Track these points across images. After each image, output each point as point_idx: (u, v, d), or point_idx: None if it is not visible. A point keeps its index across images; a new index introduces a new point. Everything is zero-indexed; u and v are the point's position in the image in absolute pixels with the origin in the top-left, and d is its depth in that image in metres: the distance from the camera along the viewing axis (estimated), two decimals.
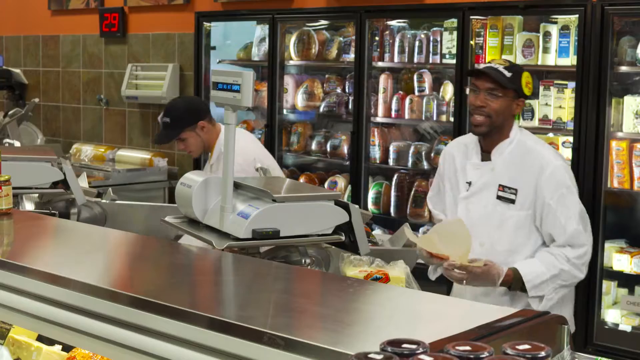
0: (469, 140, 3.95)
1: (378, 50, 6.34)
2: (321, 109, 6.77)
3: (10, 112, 8.45)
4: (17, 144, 7.05)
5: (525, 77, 3.80)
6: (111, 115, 8.52)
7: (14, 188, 3.60)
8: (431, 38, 6.10)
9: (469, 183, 3.89)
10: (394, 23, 6.36)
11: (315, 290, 2.57)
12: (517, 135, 3.82)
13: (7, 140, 7.07)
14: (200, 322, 2.16)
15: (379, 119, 6.38)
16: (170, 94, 7.70)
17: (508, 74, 3.73)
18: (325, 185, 6.65)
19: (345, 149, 6.59)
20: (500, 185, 3.80)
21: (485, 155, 3.87)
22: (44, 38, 9.29)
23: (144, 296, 2.33)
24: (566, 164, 3.89)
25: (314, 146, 6.84)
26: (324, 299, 2.54)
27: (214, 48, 7.46)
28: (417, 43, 6.17)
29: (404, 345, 1.53)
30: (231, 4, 7.35)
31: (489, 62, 4.02)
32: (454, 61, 5.80)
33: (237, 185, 3.11)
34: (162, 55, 8.02)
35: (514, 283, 3.71)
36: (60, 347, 2.95)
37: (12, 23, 9.71)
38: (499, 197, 3.80)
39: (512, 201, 3.78)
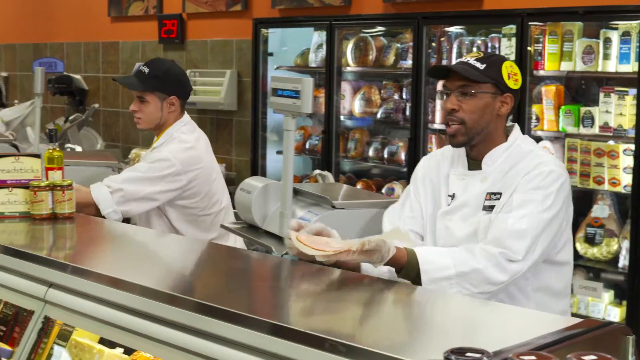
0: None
1: (435, 56, 6.32)
2: (378, 116, 6.76)
3: (70, 118, 8.59)
4: (78, 148, 7.16)
5: (507, 68, 3.10)
6: None
7: None
8: (489, 44, 6.06)
9: (452, 196, 3.19)
10: (451, 29, 6.33)
11: (375, 298, 2.56)
12: (516, 140, 3.16)
13: (68, 145, 7.18)
14: (261, 327, 2.17)
15: (437, 126, 6.35)
16: (228, 100, 7.75)
17: (481, 66, 3.07)
18: (383, 191, 6.64)
19: (402, 155, 6.57)
20: (487, 193, 3.10)
21: (474, 163, 3.18)
22: (104, 44, 9.40)
23: (205, 300, 2.35)
24: (566, 176, 3.12)
25: (371, 152, 6.83)
26: (384, 307, 2.54)
27: (271, 54, 7.49)
28: (474, 49, 6.13)
29: (468, 354, 1.52)
30: (288, 11, 7.38)
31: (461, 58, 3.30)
32: None
33: (296, 192, 3.13)
34: (220, 61, 8.07)
35: (407, 269, 2.82)
36: (121, 350, 2.98)
37: (73, 30, 9.85)
38: (485, 208, 3.09)
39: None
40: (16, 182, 3.59)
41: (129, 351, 2.87)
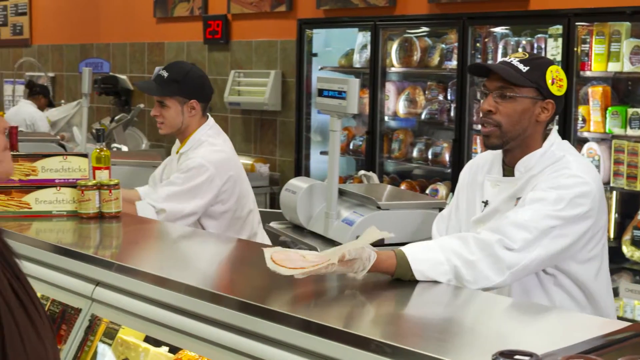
0: (496, 151, 3.10)
1: (480, 57, 6.28)
2: (422, 116, 6.74)
3: (116, 118, 8.66)
4: (124, 148, 7.22)
5: (552, 72, 2.92)
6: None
7: None
8: (535, 45, 6.02)
9: (485, 203, 3.06)
10: (497, 30, 6.29)
11: (420, 299, 2.56)
12: (552, 146, 2.97)
13: (114, 144, 7.24)
14: (306, 327, 2.18)
15: (480, 123, 6.30)
16: (272, 101, 7.77)
17: (523, 68, 2.90)
18: (426, 193, 6.62)
19: (446, 156, 6.55)
20: (517, 199, 2.94)
21: (509, 169, 3.04)
22: (149, 45, 9.47)
23: (248, 299, 2.36)
24: (594, 186, 2.88)
25: (415, 153, 6.81)
26: (428, 308, 2.53)
27: (315, 55, 7.50)
28: (520, 50, 6.09)
29: (517, 357, 1.51)
30: (333, 11, 7.38)
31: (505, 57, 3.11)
32: None
33: (341, 192, 3.13)
34: (265, 61, 8.09)
35: (399, 272, 2.60)
36: (167, 348, 3.00)
37: (119, 30, 9.94)
38: None
39: None
40: (64, 181, 3.63)
41: (174, 349, 2.89)
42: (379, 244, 2.90)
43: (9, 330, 1.86)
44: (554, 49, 5.81)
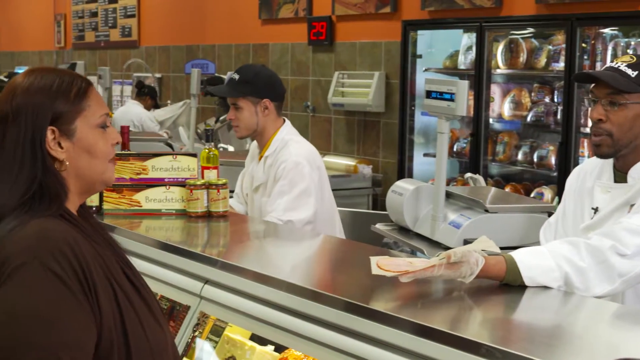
0: None
1: (588, 58, 6.16)
2: (528, 119, 6.65)
3: (221, 118, 8.77)
4: (230, 148, 7.31)
5: None
6: (317, 122, 8.68)
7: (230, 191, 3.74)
8: None
9: (595, 209, 2.95)
10: (605, 30, 6.16)
11: (529, 304, 2.52)
12: None
13: (220, 145, 7.33)
14: (413, 329, 2.17)
15: (589, 130, 6.18)
16: (376, 102, 7.76)
17: (632, 73, 2.78)
18: (531, 196, 6.53)
19: (552, 159, 6.44)
20: (630, 205, 2.81)
21: (621, 175, 2.91)
22: (254, 46, 9.57)
23: (354, 300, 2.36)
24: None
25: (519, 156, 6.72)
26: (537, 313, 2.49)
27: (420, 56, 7.46)
28: (629, 51, 5.95)
29: None
30: (438, 12, 7.34)
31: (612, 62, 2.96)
32: None
33: (448, 194, 3.11)
34: (369, 63, 8.09)
35: (508, 279, 2.54)
36: (272, 347, 3.02)
37: (225, 32, 10.07)
38: None
39: None
40: (173, 180, 3.70)
41: (279, 348, 2.91)
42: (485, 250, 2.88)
43: (128, 316, 1.91)
44: None
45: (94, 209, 3.65)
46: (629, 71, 2.78)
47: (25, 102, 1.95)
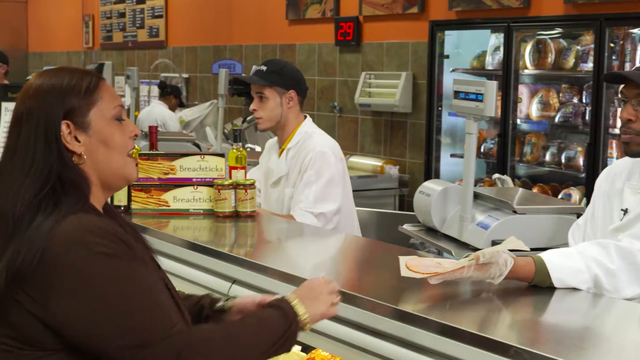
0: (636, 158, 2.94)
1: (617, 59, 6.13)
2: (556, 119, 6.62)
3: (248, 118, 8.79)
4: (257, 149, 7.33)
5: None
6: (344, 123, 8.68)
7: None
8: None
9: (624, 211, 2.90)
10: (635, 31, 6.12)
11: (558, 306, 2.51)
12: None
13: (248, 145, 7.35)
14: (442, 330, 2.17)
15: (617, 130, 6.15)
16: (403, 102, 7.74)
17: None
18: (559, 197, 6.49)
19: (580, 160, 6.41)
20: None
21: None
22: (281, 46, 9.58)
23: (381, 300, 2.36)
24: None
25: (547, 157, 6.69)
26: (566, 315, 2.48)
27: (447, 57, 7.44)
28: None
29: None
30: (465, 13, 7.31)
31: None
32: None
33: (476, 195, 3.10)
34: (396, 63, 8.08)
35: (537, 280, 2.54)
36: (299, 347, 3.03)
37: (252, 32, 10.09)
38: None
39: None
40: (201, 180, 3.71)
41: (306, 348, 2.92)
42: (514, 250, 2.87)
43: None
44: None
45: (122, 208, 3.67)
46: None
47: (37, 101, 1.99)
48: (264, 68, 4.17)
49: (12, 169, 1.95)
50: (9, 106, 5.66)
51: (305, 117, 4.24)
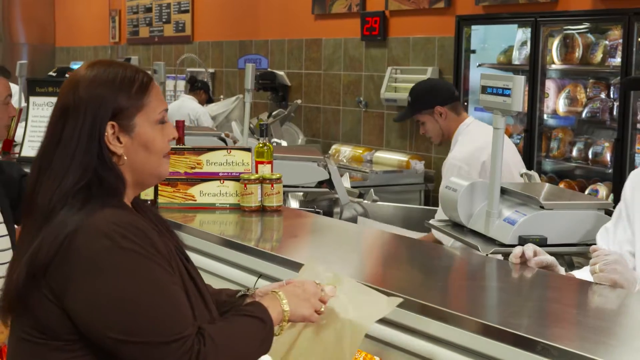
0: None
1: None
2: (583, 115, 6.57)
3: (274, 113, 8.80)
4: (283, 143, 7.33)
5: None
6: (370, 118, 8.66)
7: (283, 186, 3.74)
8: None
9: None
10: None
11: (585, 301, 2.50)
12: None
13: (274, 139, 7.36)
14: (470, 326, 2.16)
15: None
16: None
17: None
18: (586, 193, 6.45)
19: (607, 156, 6.36)
20: None
21: None
22: (307, 41, 9.58)
23: (409, 296, 2.35)
24: None
25: (574, 153, 6.65)
26: (593, 310, 2.47)
27: (473, 52, 7.41)
28: None
29: None
30: (492, 7, 7.28)
31: None
32: None
33: (503, 191, 3.08)
34: (422, 58, 8.06)
35: None
36: None
37: (277, 27, 10.09)
38: None
39: None
40: (227, 174, 3.72)
41: None
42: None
43: None
44: None
45: (148, 202, 3.69)
46: None
47: (88, 95, 1.97)
48: (409, 99, 4.55)
49: (54, 161, 1.95)
50: (37, 100, 5.70)
51: (466, 117, 4.47)
